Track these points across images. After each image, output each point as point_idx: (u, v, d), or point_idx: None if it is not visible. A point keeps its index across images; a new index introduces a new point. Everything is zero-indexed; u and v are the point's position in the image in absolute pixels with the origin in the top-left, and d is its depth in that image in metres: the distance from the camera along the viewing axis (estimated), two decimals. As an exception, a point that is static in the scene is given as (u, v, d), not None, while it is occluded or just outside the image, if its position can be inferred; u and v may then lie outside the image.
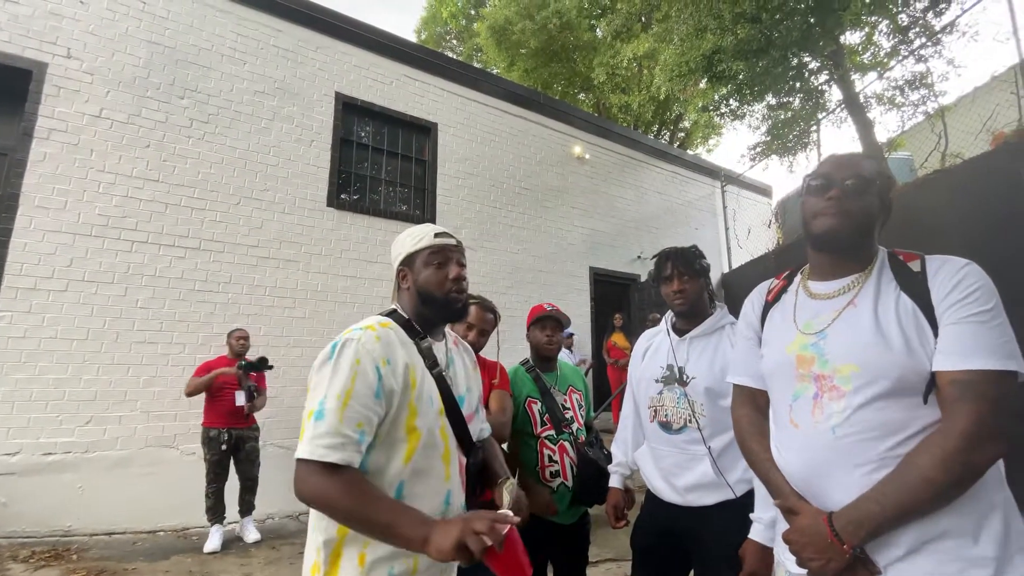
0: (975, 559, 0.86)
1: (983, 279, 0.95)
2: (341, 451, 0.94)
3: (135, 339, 4.34)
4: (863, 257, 1.05)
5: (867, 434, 0.92)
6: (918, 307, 0.95)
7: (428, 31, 17.53)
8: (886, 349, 0.93)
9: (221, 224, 4.87)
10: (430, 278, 1.16)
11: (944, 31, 6.40)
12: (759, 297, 1.26)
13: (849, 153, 1.10)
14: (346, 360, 1.00)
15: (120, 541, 3.91)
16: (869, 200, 1.03)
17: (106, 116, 4.50)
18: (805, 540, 0.94)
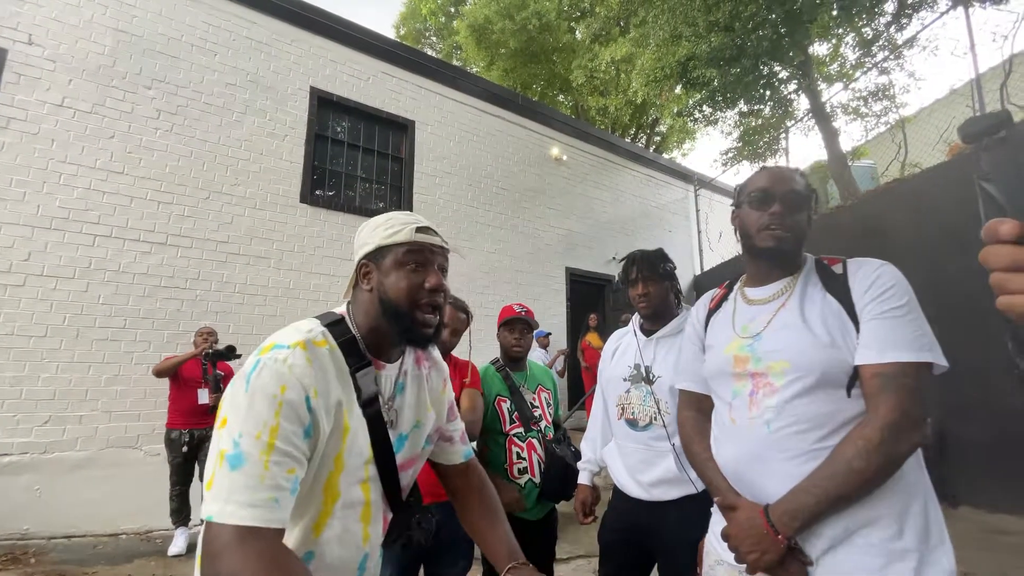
0: (899, 552, 0.91)
1: (897, 277, 1.02)
2: (270, 509, 0.70)
3: (97, 336, 4.20)
4: (794, 264, 1.14)
5: (798, 427, 0.98)
6: (841, 306, 1.02)
7: (407, 27, 17.37)
8: (812, 345, 1.00)
9: (189, 219, 4.75)
10: (400, 283, 0.90)
11: (906, 45, 6.68)
12: (703, 306, 1.32)
13: (784, 167, 1.17)
14: (266, 385, 0.76)
15: (80, 544, 3.78)
16: (805, 214, 1.11)
17: (68, 105, 4.34)
18: (743, 534, 0.98)
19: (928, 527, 0.95)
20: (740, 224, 1.18)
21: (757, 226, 1.11)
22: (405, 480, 0.98)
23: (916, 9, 6.38)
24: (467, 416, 1.85)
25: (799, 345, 1.01)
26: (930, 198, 4.85)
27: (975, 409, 4.43)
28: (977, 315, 4.36)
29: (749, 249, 1.16)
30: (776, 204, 1.09)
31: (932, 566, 0.91)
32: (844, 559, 0.93)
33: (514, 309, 2.18)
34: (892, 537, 0.92)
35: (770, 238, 1.09)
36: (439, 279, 0.93)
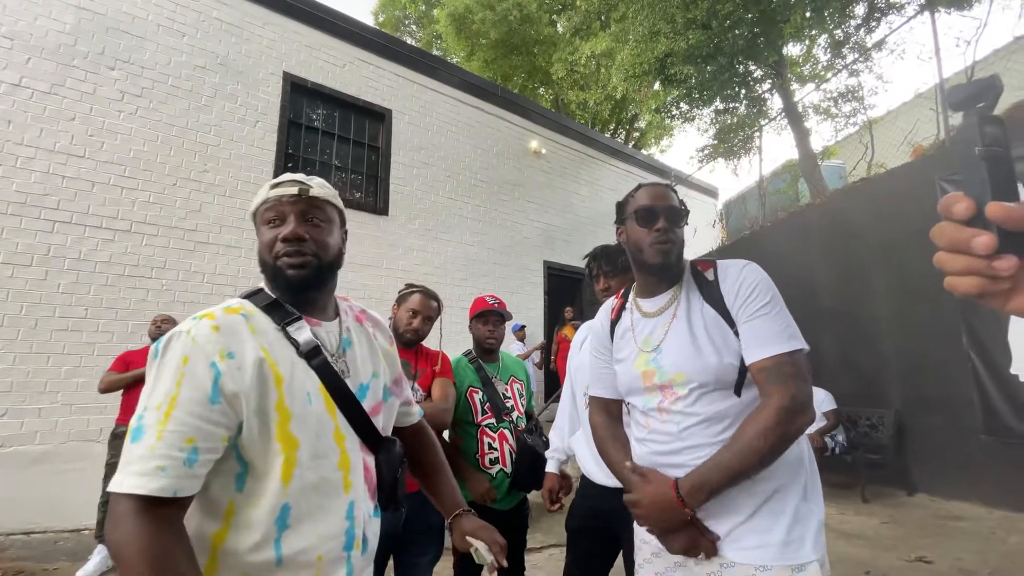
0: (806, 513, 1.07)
1: (758, 276, 1.15)
2: (159, 478, 0.71)
3: (56, 327, 4.05)
4: (677, 273, 1.24)
5: (701, 424, 1.11)
6: (718, 313, 1.15)
7: (386, 14, 17.07)
8: (701, 356, 1.12)
9: (155, 206, 4.60)
10: (263, 242, 0.93)
11: (874, 48, 6.87)
12: (605, 317, 1.40)
13: (660, 183, 1.29)
14: (170, 360, 0.79)
15: (40, 540, 3.66)
16: (682, 227, 1.23)
17: (26, 85, 4.15)
18: (652, 506, 1.09)
19: (809, 486, 1.11)
20: (627, 239, 1.28)
21: (646, 242, 1.20)
22: (378, 424, 1.00)
23: (884, 13, 6.55)
24: (439, 405, 1.85)
25: (692, 358, 1.13)
26: (894, 197, 5.01)
27: (932, 402, 4.62)
28: (935, 310, 4.54)
29: (639, 264, 1.26)
30: (661, 220, 1.18)
31: (810, 517, 1.07)
32: (755, 526, 1.06)
33: (487, 301, 2.18)
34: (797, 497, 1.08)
35: (659, 253, 1.18)
36: (293, 228, 0.92)
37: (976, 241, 0.37)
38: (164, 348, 0.81)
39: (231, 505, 0.83)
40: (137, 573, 0.68)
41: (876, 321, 5.09)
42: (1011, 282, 0.38)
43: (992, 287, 0.39)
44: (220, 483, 0.82)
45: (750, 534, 1.05)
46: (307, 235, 0.93)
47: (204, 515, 0.83)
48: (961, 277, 0.40)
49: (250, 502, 0.82)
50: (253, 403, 0.81)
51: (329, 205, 0.98)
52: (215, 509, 0.83)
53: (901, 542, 3.57)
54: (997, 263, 0.37)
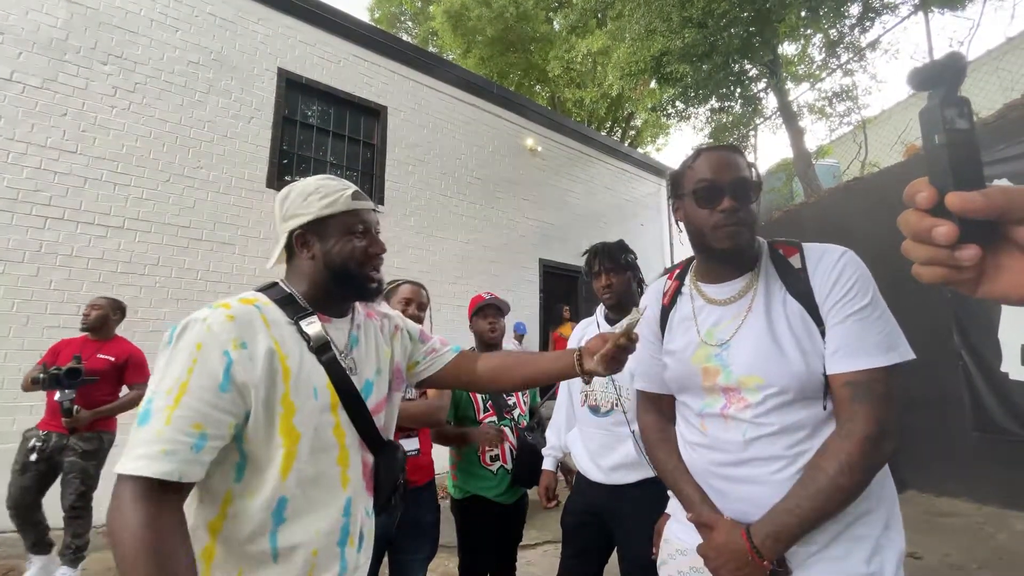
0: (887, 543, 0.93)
1: (859, 269, 0.98)
2: (163, 462, 0.72)
3: (48, 323, 4.01)
4: (751, 257, 1.06)
5: (772, 436, 0.96)
6: (804, 308, 0.97)
7: (382, 10, 16.99)
8: (784, 360, 0.95)
9: (148, 202, 4.56)
10: (350, 251, 0.96)
11: (868, 48, 6.90)
12: (655, 301, 1.22)
13: (724, 149, 1.06)
14: (184, 346, 0.80)
15: (29, 539, 3.63)
16: (754, 202, 1.02)
17: (18, 80, 4.10)
18: (723, 557, 0.94)
19: (892, 513, 0.97)
20: (686, 220, 1.09)
21: (710, 225, 1.01)
22: (380, 423, 1.01)
23: (879, 13, 6.59)
24: (433, 403, 1.86)
25: (771, 361, 0.96)
26: (887, 196, 5.04)
27: (922, 399, 4.66)
28: (926, 309, 4.58)
29: (702, 248, 1.07)
30: (726, 199, 0.99)
31: (892, 547, 0.94)
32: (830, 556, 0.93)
33: (484, 296, 2.20)
34: (878, 528, 0.94)
35: (727, 238, 1.00)
36: (382, 245, 1.01)
37: (936, 231, 0.37)
38: (178, 335, 0.82)
39: (228, 495, 0.83)
40: (134, 553, 0.69)
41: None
42: (975, 270, 0.38)
43: (956, 276, 0.38)
44: (219, 472, 0.83)
45: (823, 563, 0.92)
46: (385, 250, 1.03)
47: (201, 503, 0.85)
48: (926, 267, 0.39)
49: (248, 493, 0.83)
50: (262, 394, 0.82)
51: None
52: (213, 498, 0.84)
53: (892, 538, 3.60)
54: (959, 253, 0.37)
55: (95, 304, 3.26)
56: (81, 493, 3.00)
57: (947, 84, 0.38)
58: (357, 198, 0.99)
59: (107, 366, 3.13)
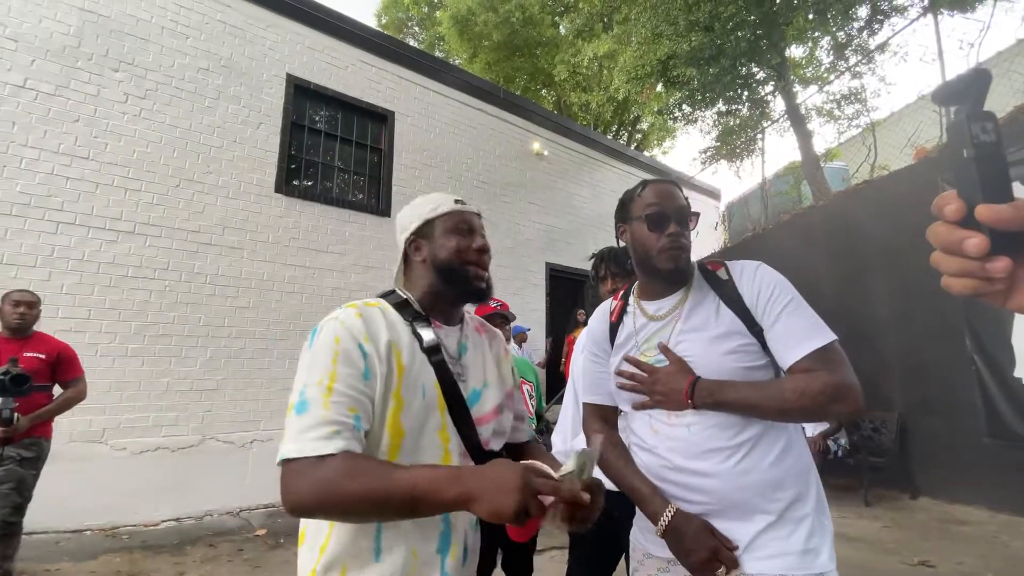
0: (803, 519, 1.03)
1: (776, 274, 1.12)
2: (336, 439, 0.78)
3: (59, 327, 4.04)
4: (685, 276, 1.18)
5: (716, 427, 1.06)
6: (736, 313, 1.09)
7: (389, 16, 17.11)
8: (713, 354, 1.07)
9: (158, 207, 4.61)
10: (450, 244, 1.00)
11: (877, 50, 6.86)
12: (603, 320, 1.33)
13: (667, 181, 1.21)
14: (324, 341, 0.86)
15: (43, 541, 3.66)
16: (690, 229, 1.16)
17: (31, 87, 4.17)
18: (665, 381, 1.08)
19: (820, 497, 1.08)
20: (632, 241, 1.21)
21: (656, 248, 1.14)
22: (485, 434, 1.00)
23: (888, 15, 6.54)
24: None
25: (702, 356, 1.08)
26: (897, 199, 5.00)
27: (935, 405, 4.60)
28: (938, 313, 4.53)
29: (647, 268, 1.19)
30: (672, 224, 1.12)
31: (825, 529, 1.05)
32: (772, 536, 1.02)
33: (489, 304, 2.19)
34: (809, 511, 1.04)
35: (670, 260, 1.12)
36: (485, 241, 1.05)
37: (968, 243, 0.37)
38: (317, 335, 0.88)
39: None
40: (353, 491, 0.75)
41: (879, 323, 5.07)
42: (1006, 282, 0.38)
43: (987, 287, 0.39)
44: None
45: (770, 543, 1.01)
46: (489, 248, 1.06)
47: None
48: (956, 278, 0.40)
49: None
50: (380, 387, 0.87)
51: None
52: None
53: (904, 546, 3.56)
54: (990, 265, 0.37)
55: (30, 301, 2.95)
56: (17, 506, 2.73)
57: (972, 99, 0.38)
58: (459, 202, 1.05)
59: (40, 365, 2.86)
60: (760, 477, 1.02)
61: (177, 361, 4.48)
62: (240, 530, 4.14)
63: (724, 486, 1.03)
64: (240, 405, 4.79)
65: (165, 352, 4.45)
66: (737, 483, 1.03)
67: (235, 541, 3.89)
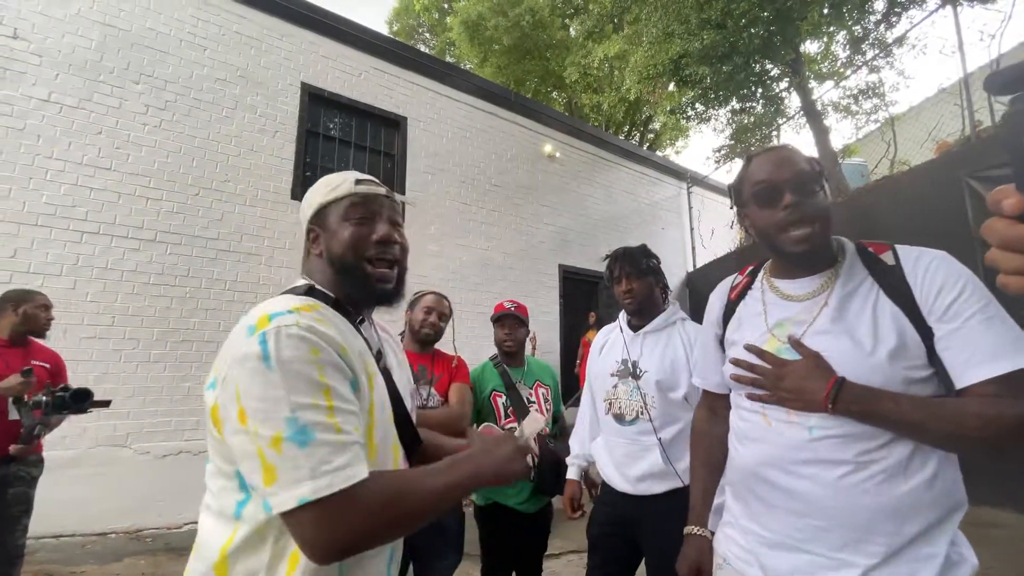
0: (959, 561, 0.88)
1: (964, 269, 0.88)
2: (359, 465, 0.67)
3: (84, 334, 4.16)
4: (830, 254, 1.00)
5: (843, 436, 0.88)
6: (900, 308, 0.89)
7: (400, 23, 17.30)
8: (863, 355, 0.88)
9: (178, 215, 4.71)
10: (347, 239, 0.84)
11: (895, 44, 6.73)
12: (721, 296, 1.18)
13: (779, 147, 1.03)
14: (298, 354, 0.69)
15: (68, 544, 3.75)
16: (821, 195, 0.97)
17: (55, 100, 4.29)
18: (792, 379, 0.90)
19: (958, 535, 0.91)
20: (752, 226, 1.03)
21: (775, 227, 0.96)
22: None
23: (905, 8, 6.42)
24: (456, 409, 1.86)
25: (844, 356, 0.89)
26: (918, 195, 4.89)
27: (962, 404, 4.48)
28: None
29: (774, 249, 1.02)
30: (787, 195, 0.94)
31: (966, 565, 0.88)
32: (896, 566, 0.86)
33: (504, 305, 2.20)
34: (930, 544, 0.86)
35: (795, 241, 0.94)
36: (388, 229, 0.87)
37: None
38: (277, 348, 0.69)
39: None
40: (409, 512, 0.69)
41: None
42: None
43: None
44: None
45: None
46: (398, 239, 0.88)
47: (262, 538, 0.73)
48: (1016, 276, 0.37)
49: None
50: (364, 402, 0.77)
51: (400, 215, 0.93)
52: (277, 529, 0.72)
53: (932, 550, 3.46)
54: None
55: (46, 303, 2.72)
56: (26, 527, 2.55)
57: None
58: (363, 183, 0.88)
59: (45, 375, 2.62)
60: (888, 504, 0.84)
61: (198, 366, 4.56)
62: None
63: (836, 504, 0.86)
64: (259, 409, 4.85)
65: (187, 357, 4.53)
66: (853, 503, 0.85)
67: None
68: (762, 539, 0.96)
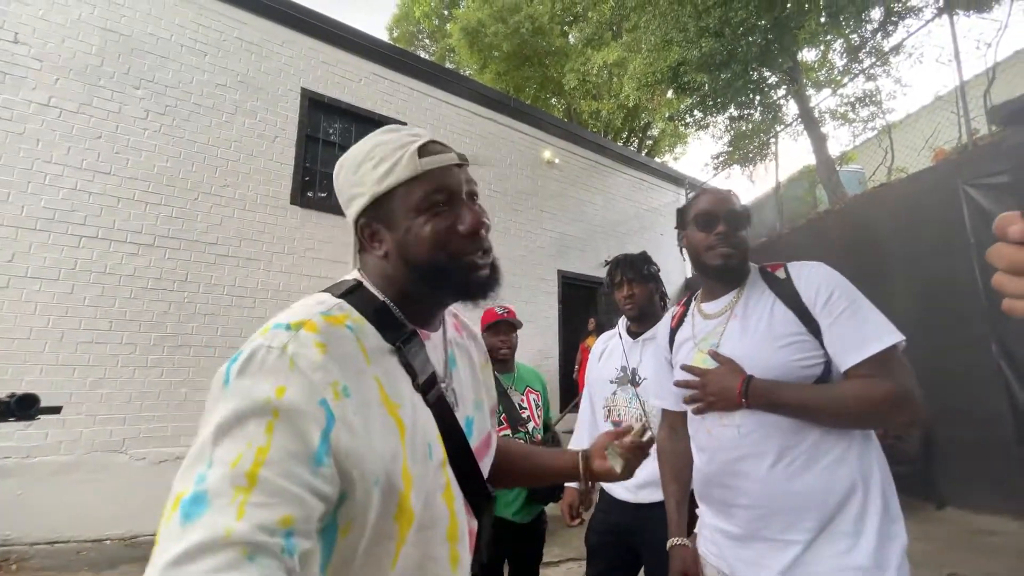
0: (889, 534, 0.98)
1: (837, 275, 1.09)
2: (246, 571, 0.42)
3: (81, 339, 4.14)
4: (742, 277, 1.21)
5: (764, 430, 1.03)
6: (793, 311, 1.07)
7: (400, 29, 17.39)
8: (764, 349, 1.06)
9: (178, 220, 4.70)
10: (429, 238, 0.65)
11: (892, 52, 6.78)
12: (665, 324, 1.38)
13: (721, 189, 1.26)
14: (255, 392, 0.50)
15: (63, 550, 3.72)
16: (745, 230, 1.19)
17: (55, 105, 4.30)
18: (717, 382, 1.07)
19: (888, 508, 1.00)
20: (688, 245, 1.25)
21: (704, 246, 1.18)
22: (485, 472, 0.75)
23: (902, 17, 6.47)
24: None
25: (751, 357, 1.07)
26: (916, 203, 4.91)
27: (960, 413, 4.48)
28: (961, 319, 4.42)
29: (700, 268, 1.23)
30: (720, 224, 1.16)
31: (892, 539, 0.98)
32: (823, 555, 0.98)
33: (496, 311, 2.18)
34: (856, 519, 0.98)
35: (718, 256, 1.15)
36: (476, 215, 0.68)
37: None
38: (241, 371, 0.52)
39: None
40: None
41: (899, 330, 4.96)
42: None
43: None
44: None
45: (825, 559, 0.96)
46: (487, 221, 0.69)
47: None
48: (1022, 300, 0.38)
49: None
50: (377, 469, 0.55)
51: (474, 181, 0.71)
52: None
53: (931, 557, 3.45)
54: None
55: None
56: None
57: None
58: (428, 152, 0.68)
59: None
60: (809, 485, 0.99)
61: (195, 371, 4.55)
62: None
63: (769, 492, 1.01)
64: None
65: (184, 362, 4.52)
66: (782, 489, 1.00)
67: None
68: (727, 534, 1.10)
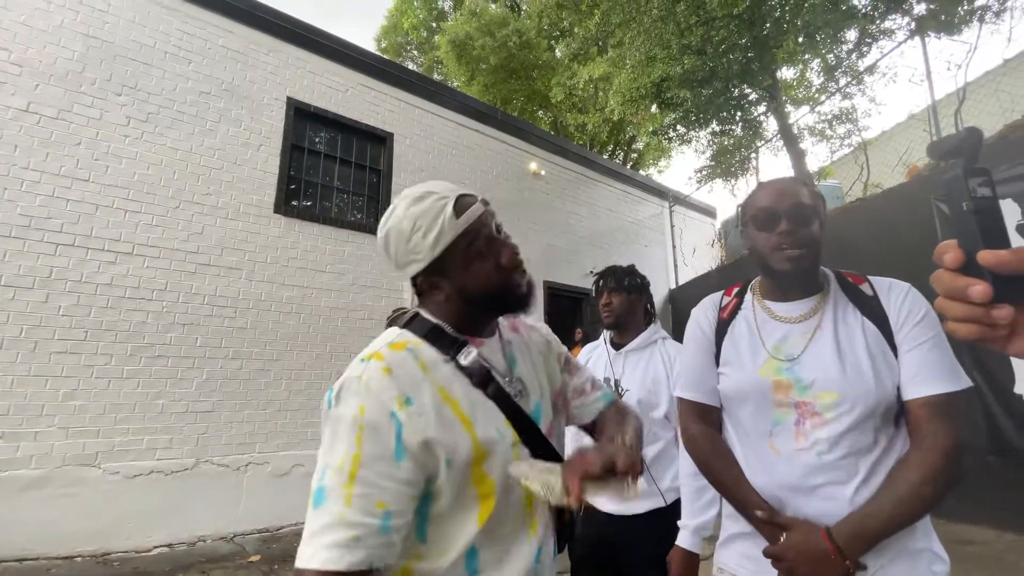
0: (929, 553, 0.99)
1: (925, 302, 1.02)
2: (355, 550, 0.64)
3: (55, 349, 4.03)
4: (817, 280, 1.10)
5: (851, 456, 0.97)
6: (880, 332, 1.02)
7: (389, 41, 17.48)
8: (860, 377, 0.98)
9: (158, 228, 4.63)
10: (484, 277, 0.84)
11: (866, 72, 7.01)
12: (711, 312, 1.22)
13: (785, 180, 1.12)
14: (346, 412, 0.70)
15: (33, 568, 3.58)
16: (815, 224, 1.06)
17: (34, 111, 4.22)
18: (801, 556, 0.94)
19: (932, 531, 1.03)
20: (750, 245, 1.13)
21: (768, 247, 1.06)
22: (556, 445, 0.90)
23: (876, 38, 6.70)
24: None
25: (847, 376, 0.99)
26: (890, 217, 5.05)
27: (936, 421, 4.57)
28: (936, 330, 4.52)
29: (767, 271, 1.11)
30: (783, 222, 1.03)
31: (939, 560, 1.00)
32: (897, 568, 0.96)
33: None
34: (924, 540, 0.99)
35: (784, 260, 1.04)
36: (511, 249, 0.87)
37: (972, 290, 0.39)
38: (337, 397, 0.72)
39: (407, 566, 0.74)
40: None
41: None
42: (1009, 328, 0.40)
43: (991, 333, 0.40)
44: None
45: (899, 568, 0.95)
46: (517, 250, 0.89)
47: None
48: (961, 323, 0.41)
49: (434, 554, 0.74)
50: (445, 449, 0.72)
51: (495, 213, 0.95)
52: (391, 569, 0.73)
53: (910, 567, 3.49)
54: (995, 312, 0.38)
55: None
56: None
57: (967, 155, 0.41)
58: (461, 210, 0.84)
59: None
60: None
61: (172, 383, 4.45)
62: (233, 556, 4.05)
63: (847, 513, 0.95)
64: (236, 427, 4.73)
65: (161, 373, 4.42)
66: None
67: (228, 568, 3.81)
68: None
